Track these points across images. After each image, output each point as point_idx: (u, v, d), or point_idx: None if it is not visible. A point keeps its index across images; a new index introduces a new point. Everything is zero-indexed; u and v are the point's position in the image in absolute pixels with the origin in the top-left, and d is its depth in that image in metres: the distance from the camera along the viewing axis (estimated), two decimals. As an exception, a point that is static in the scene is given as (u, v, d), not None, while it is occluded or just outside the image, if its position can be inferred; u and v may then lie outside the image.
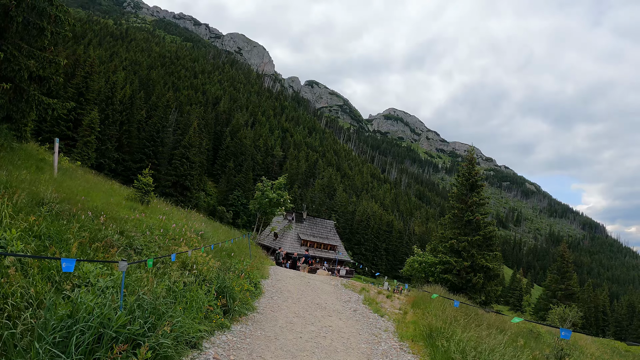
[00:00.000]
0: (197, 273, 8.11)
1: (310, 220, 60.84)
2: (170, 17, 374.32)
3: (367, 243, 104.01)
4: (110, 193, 18.40)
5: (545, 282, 59.46)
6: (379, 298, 15.06)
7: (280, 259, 28.23)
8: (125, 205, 14.65)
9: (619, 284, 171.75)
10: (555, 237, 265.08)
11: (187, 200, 75.83)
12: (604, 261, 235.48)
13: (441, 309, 13.40)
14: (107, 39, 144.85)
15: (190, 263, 8.35)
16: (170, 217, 15.66)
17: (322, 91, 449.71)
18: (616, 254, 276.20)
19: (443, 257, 30.19)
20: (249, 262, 12.67)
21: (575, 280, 56.66)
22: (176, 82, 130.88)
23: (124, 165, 70.74)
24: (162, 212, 17.41)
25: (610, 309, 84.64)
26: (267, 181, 28.36)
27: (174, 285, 6.79)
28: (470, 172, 33.63)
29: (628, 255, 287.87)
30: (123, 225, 9.89)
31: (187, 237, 11.03)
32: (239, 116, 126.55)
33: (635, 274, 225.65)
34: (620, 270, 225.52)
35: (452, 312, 12.06)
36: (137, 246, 9.17)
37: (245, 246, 19.09)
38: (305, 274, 19.50)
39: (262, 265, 16.10)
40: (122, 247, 8.39)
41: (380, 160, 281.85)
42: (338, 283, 16.92)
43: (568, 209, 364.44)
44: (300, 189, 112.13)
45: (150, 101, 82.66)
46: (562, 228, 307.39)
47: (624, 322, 78.26)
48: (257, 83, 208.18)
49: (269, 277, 14.33)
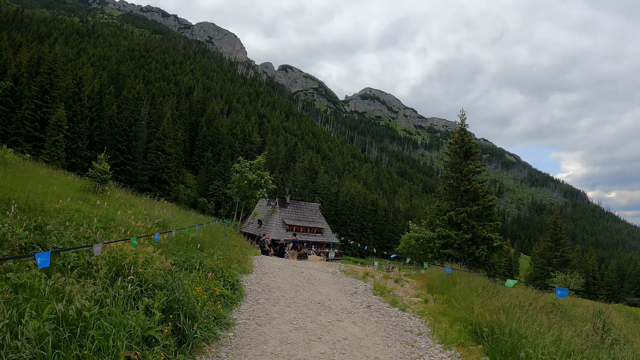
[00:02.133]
0: (135, 280, 5.19)
1: (294, 204, 58.32)
2: (137, 11, 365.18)
3: (353, 223, 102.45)
4: (63, 185, 15.26)
5: (538, 250, 58.24)
6: (389, 284, 12.42)
7: (266, 246, 25.39)
8: (75, 197, 11.62)
9: (604, 248, 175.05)
10: (538, 206, 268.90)
11: (165, 194, 73.14)
12: (587, 227, 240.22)
13: (464, 290, 10.89)
14: (74, 37, 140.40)
15: (127, 264, 5.42)
16: (131, 207, 12.75)
17: (296, 75, 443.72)
18: (598, 219, 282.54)
19: (442, 231, 27.80)
20: (220, 256, 9.75)
21: (570, 247, 55.50)
22: (147, 75, 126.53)
23: None
24: (121, 202, 14.42)
25: (599, 273, 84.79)
26: (244, 161, 25.22)
27: (86, 307, 3.89)
28: (463, 139, 31.14)
29: (610, 219, 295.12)
30: (46, 219, 6.98)
31: (133, 227, 8.05)
32: (214, 105, 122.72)
33: (619, 238, 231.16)
34: (604, 235, 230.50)
35: (487, 297, 9.51)
36: (55, 244, 6.24)
37: (222, 235, 16.25)
38: (295, 261, 16.73)
39: (244, 257, 13.26)
40: (18, 247, 5.46)
41: (359, 140, 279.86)
42: (336, 269, 14.22)
43: (549, 177, 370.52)
44: (281, 173, 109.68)
45: (121, 96, 78.97)
46: (544, 197, 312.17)
47: (615, 285, 78.50)
48: (230, 71, 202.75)
49: (252, 271, 11.51)
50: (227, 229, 25.53)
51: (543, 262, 53.40)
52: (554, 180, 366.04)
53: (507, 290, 11.50)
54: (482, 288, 11.07)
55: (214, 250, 10.57)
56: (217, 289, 6.64)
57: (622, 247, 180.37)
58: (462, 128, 31.54)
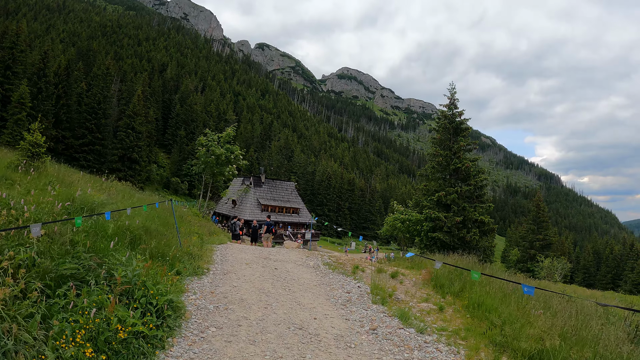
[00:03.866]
0: None
1: (270, 183, 55.65)
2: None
3: (329, 203, 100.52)
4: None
5: (520, 232, 57.19)
6: (385, 280, 9.77)
7: (237, 229, 22.40)
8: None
9: (577, 232, 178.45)
10: (513, 188, 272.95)
11: (136, 174, 69.79)
12: (561, 210, 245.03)
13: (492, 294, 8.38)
14: (43, 12, 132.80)
15: None
16: (66, 187, 9.74)
17: (273, 54, 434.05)
18: (572, 202, 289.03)
19: (430, 213, 25.43)
20: (160, 254, 6.79)
21: (552, 230, 54.49)
22: (119, 52, 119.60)
23: (65, 143, 62.93)
24: (50, 181, 11.22)
25: (574, 256, 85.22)
26: (211, 134, 21.94)
27: None
28: (453, 114, 28.63)
29: (583, 203, 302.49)
30: None
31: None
32: (188, 82, 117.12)
33: (591, 221, 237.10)
34: (577, 218, 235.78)
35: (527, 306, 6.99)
36: None
37: (186, 220, 13.30)
38: (268, 250, 13.86)
39: (202, 249, 10.38)
40: None
41: (336, 120, 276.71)
42: (318, 262, 11.50)
43: (523, 161, 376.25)
44: (257, 152, 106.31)
45: (91, 73, 73.22)
46: (518, 179, 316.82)
47: (592, 269, 78.85)
48: (205, 48, 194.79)
49: (209, 271, 8.65)
50: (191, 212, 22.43)
51: (525, 244, 52.39)
52: (529, 164, 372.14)
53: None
54: (513, 291, 8.56)
55: (157, 243, 7.65)
56: (122, 331, 3.78)
57: (595, 231, 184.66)
58: (452, 102, 28.95)
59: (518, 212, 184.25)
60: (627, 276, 71.26)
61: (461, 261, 14.42)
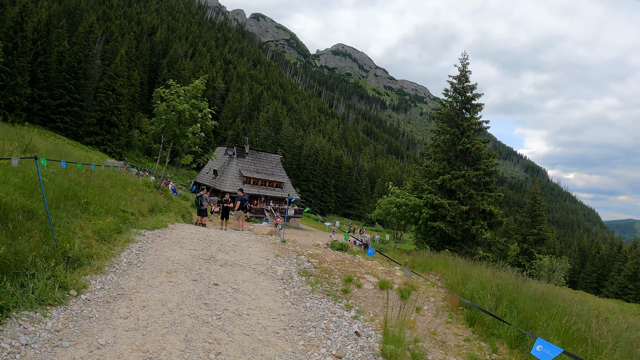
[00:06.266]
0: None
1: (254, 154, 52.01)
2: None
3: (315, 179, 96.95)
4: None
5: (512, 224, 54.47)
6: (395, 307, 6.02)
7: (203, 204, 18.47)
8: None
9: (559, 226, 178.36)
10: (500, 177, 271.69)
11: (115, 138, 65.96)
12: (546, 204, 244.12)
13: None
14: None
15: None
16: None
17: (268, 25, 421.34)
18: (557, 197, 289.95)
19: (432, 199, 21.71)
20: None
21: (546, 225, 51.77)
22: (108, 12, 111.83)
23: (41, 103, 58.77)
24: None
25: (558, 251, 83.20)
26: (176, 85, 17.72)
27: None
28: (464, 87, 24.64)
29: (567, 199, 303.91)
30: None
31: None
32: (177, 47, 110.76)
33: (575, 218, 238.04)
34: (560, 213, 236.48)
35: None
36: None
37: (128, 192, 9.38)
38: (223, 239, 9.92)
39: (103, 243, 6.48)
40: None
41: (327, 96, 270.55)
42: (292, 269, 7.66)
43: (512, 152, 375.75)
44: (244, 122, 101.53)
45: (76, 32, 67.45)
46: (505, 169, 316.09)
47: (577, 267, 76.93)
48: (198, 14, 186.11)
49: (78, 295, 4.71)
50: (144, 182, 18.42)
51: (518, 237, 49.56)
52: (517, 155, 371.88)
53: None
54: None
55: None
56: None
57: (577, 228, 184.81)
58: (462, 74, 24.88)
59: (503, 203, 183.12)
60: (613, 277, 69.76)
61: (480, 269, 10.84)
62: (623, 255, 73.57)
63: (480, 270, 9.61)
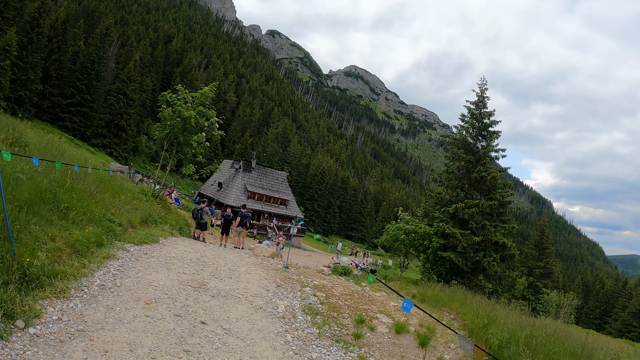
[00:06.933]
0: None
1: (260, 170, 51.19)
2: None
3: (320, 199, 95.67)
4: None
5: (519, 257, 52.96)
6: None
7: (204, 218, 17.44)
8: None
9: (563, 260, 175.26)
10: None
11: (122, 142, 65.63)
12: (550, 236, 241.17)
13: None
14: None
15: None
16: None
17: (283, 42, 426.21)
18: (561, 230, 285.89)
19: (444, 227, 20.58)
20: None
21: (553, 259, 50.37)
22: (126, 17, 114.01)
23: (51, 101, 58.48)
24: None
25: (561, 284, 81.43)
26: (184, 91, 16.95)
27: None
28: (481, 113, 23.75)
29: (572, 232, 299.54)
30: None
31: None
32: (192, 57, 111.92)
33: (578, 251, 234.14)
34: (564, 246, 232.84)
35: None
36: None
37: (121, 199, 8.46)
38: (218, 262, 8.89)
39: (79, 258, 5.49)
40: None
41: (337, 116, 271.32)
42: (296, 304, 6.62)
43: (518, 182, 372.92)
44: (252, 137, 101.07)
45: (93, 34, 68.31)
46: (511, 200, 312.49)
47: (580, 302, 75.21)
48: (215, 26, 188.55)
49: (20, 339, 3.68)
50: (141, 190, 17.57)
51: (524, 270, 48.08)
52: (523, 186, 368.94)
53: None
54: None
55: None
56: None
57: (581, 261, 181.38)
58: (480, 100, 24.02)
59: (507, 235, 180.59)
60: (617, 314, 67.84)
61: (505, 311, 9.71)
62: (628, 292, 71.67)
63: (506, 314, 8.48)
